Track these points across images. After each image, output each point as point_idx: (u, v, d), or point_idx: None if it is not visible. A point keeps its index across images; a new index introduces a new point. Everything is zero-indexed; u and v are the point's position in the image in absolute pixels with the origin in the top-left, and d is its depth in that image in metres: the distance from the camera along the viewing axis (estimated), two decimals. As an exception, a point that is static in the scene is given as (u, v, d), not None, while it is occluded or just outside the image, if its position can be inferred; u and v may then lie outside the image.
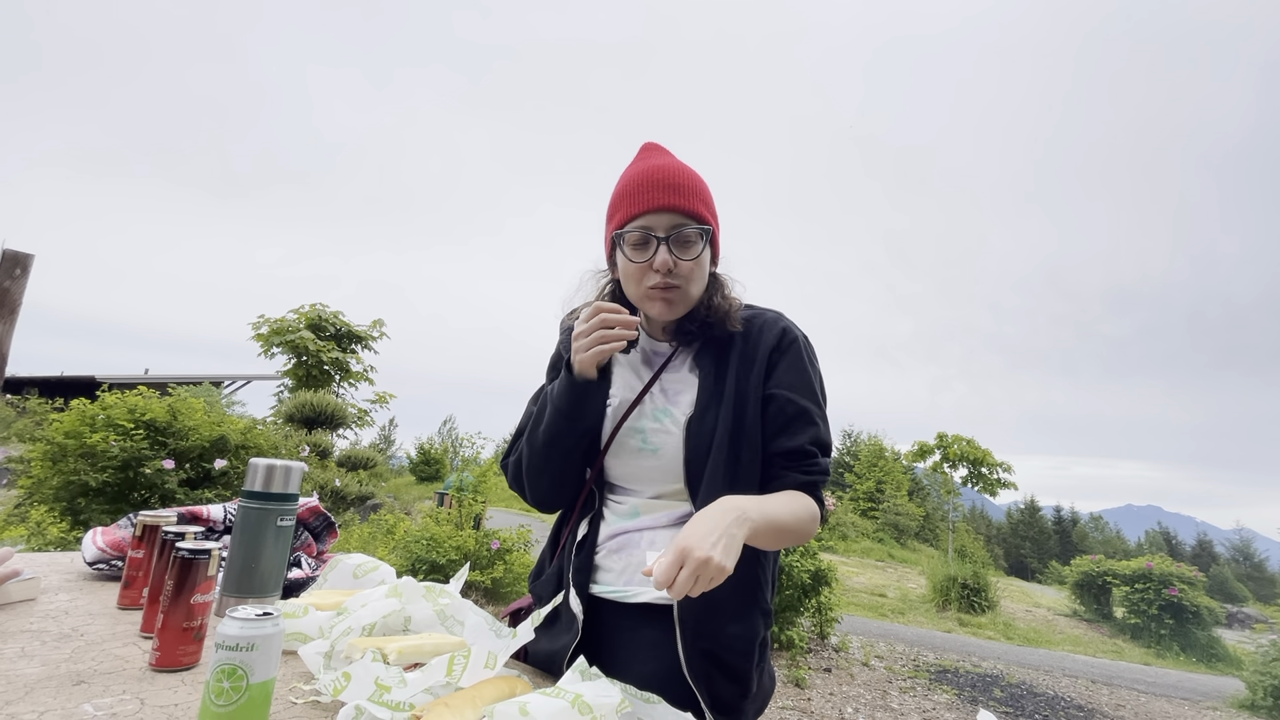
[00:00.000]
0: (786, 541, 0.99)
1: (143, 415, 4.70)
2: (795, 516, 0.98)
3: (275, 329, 11.10)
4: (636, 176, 1.06)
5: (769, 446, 1.05)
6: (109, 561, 1.25)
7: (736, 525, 0.84)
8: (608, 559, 1.08)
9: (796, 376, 1.07)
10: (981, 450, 18.01)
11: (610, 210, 1.10)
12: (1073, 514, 51.40)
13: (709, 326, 1.10)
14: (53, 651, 0.85)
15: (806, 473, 1.03)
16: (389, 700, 0.70)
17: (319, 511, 1.43)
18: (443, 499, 8.58)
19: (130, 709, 0.71)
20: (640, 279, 1.05)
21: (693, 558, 0.79)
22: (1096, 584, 11.63)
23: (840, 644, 6.51)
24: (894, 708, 4.83)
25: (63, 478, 4.40)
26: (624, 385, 1.16)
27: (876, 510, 26.34)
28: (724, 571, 0.80)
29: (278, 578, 1.08)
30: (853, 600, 10.30)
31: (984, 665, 6.84)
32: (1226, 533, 48.31)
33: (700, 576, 0.79)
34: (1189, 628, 10.09)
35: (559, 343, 1.25)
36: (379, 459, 11.10)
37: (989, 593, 10.87)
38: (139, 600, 1.06)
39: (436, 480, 25.48)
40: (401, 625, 1.00)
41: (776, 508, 0.94)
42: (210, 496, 4.76)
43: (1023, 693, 5.89)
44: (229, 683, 0.65)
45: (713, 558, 0.79)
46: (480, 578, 5.39)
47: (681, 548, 0.80)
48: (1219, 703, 6.75)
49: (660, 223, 1.03)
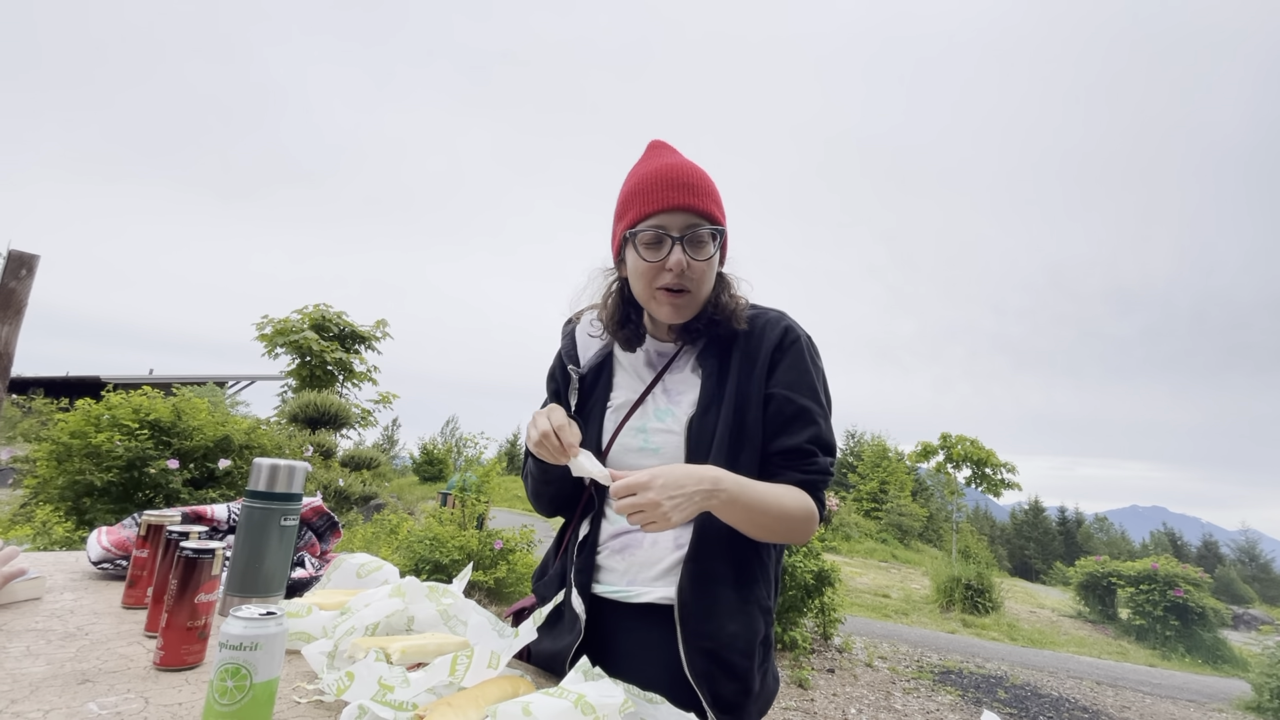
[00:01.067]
0: (769, 532, 0.99)
1: (147, 415, 4.72)
2: (781, 508, 0.98)
3: (279, 329, 11.13)
4: (649, 175, 1.05)
5: (768, 445, 1.05)
6: (114, 561, 1.26)
7: (703, 496, 0.91)
8: (610, 559, 1.08)
9: (797, 376, 1.06)
10: (985, 450, 17.96)
11: (620, 209, 1.09)
12: (1077, 515, 51.23)
13: (715, 324, 1.10)
14: (58, 650, 0.85)
15: (804, 471, 1.02)
16: (392, 700, 0.71)
17: (322, 511, 1.44)
18: (446, 499, 8.59)
19: (135, 708, 0.71)
20: (652, 279, 1.04)
21: (647, 496, 0.87)
22: (1101, 585, 11.59)
23: (844, 645, 6.50)
24: (897, 709, 4.82)
25: (68, 477, 4.42)
26: (627, 386, 1.16)
27: (880, 511, 26.28)
28: (664, 526, 0.88)
29: (281, 577, 1.08)
30: (856, 601, 10.29)
31: (988, 666, 6.82)
32: (1232, 533, 48.10)
33: (643, 515, 0.88)
34: (1194, 629, 10.04)
35: (559, 350, 1.25)
36: (382, 459, 11.12)
37: (993, 594, 10.84)
38: (143, 599, 1.06)
39: (439, 480, 25.53)
40: (405, 625, 1.00)
41: (760, 494, 0.96)
42: (214, 496, 4.78)
43: (1027, 694, 5.87)
44: (233, 682, 0.65)
45: (662, 506, 0.87)
46: (483, 578, 5.40)
47: (645, 481, 0.88)
48: (1225, 705, 6.72)
49: (674, 222, 1.02)
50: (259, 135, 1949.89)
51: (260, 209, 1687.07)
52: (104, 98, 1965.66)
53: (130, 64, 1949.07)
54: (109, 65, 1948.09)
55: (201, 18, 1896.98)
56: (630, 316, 1.15)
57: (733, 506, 0.94)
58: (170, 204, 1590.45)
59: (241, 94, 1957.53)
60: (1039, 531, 47.82)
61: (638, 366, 1.18)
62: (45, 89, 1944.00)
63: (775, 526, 0.99)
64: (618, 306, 1.15)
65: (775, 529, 0.99)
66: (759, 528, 0.98)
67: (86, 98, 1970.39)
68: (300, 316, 11.54)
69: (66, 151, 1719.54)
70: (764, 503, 0.96)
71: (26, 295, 3.14)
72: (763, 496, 0.97)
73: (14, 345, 3.12)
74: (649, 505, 0.87)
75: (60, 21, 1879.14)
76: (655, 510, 0.87)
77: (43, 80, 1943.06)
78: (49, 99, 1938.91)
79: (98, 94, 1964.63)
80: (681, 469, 0.92)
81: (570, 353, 1.22)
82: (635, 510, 0.88)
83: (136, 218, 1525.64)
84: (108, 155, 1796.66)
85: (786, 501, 0.99)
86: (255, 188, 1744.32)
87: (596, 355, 1.20)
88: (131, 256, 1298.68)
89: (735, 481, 0.94)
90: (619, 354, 1.20)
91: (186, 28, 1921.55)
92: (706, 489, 0.91)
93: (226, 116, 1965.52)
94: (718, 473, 0.94)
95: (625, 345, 1.17)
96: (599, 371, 1.19)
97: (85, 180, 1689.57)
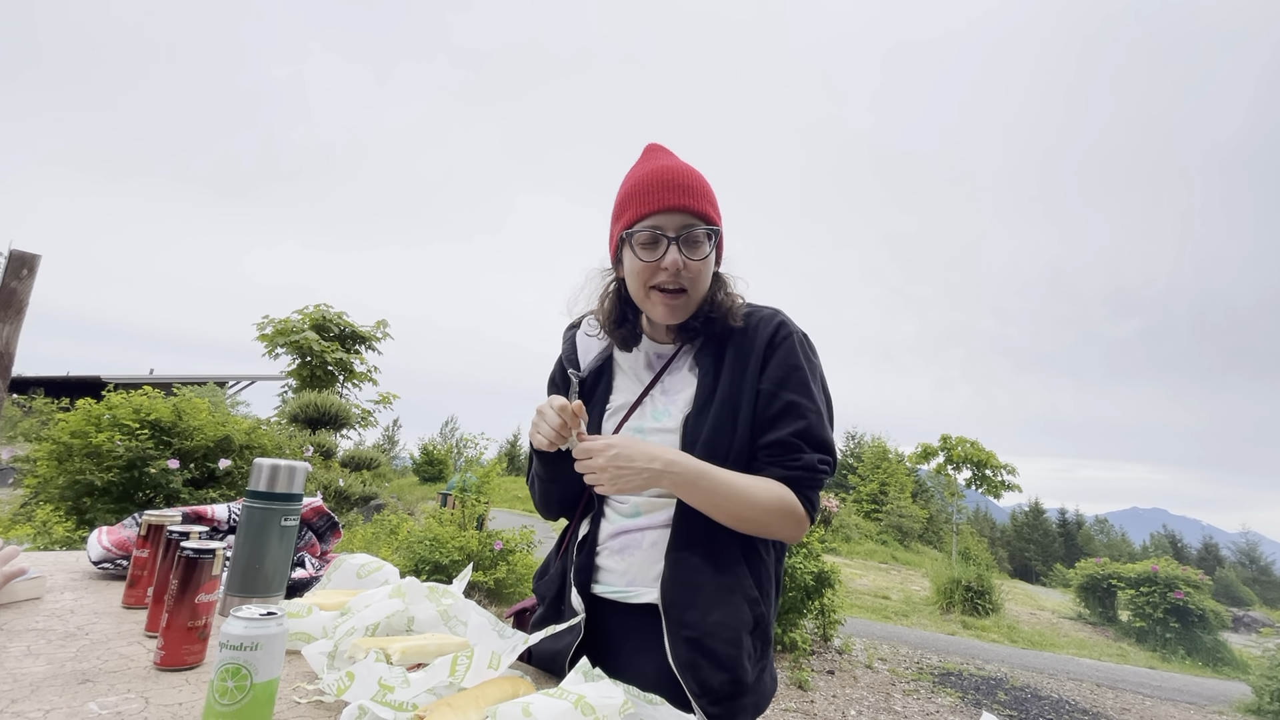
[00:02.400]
0: (737, 520, 0.99)
1: (148, 415, 4.72)
2: (748, 497, 0.97)
3: (279, 329, 11.13)
4: (645, 177, 1.07)
5: (755, 440, 1.05)
6: (114, 561, 1.26)
7: (651, 474, 0.96)
8: (609, 559, 1.09)
9: (787, 371, 1.06)
10: (985, 452, 17.94)
11: (617, 210, 1.11)
12: (1077, 516, 51.18)
13: (711, 322, 1.11)
14: (58, 650, 0.86)
15: (787, 466, 1.01)
16: (392, 700, 0.71)
17: (323, 512, 1.44)
18: (446, 499, 8.59)
19: (135, 708, 0.71)
20: (647, 278, 1.06)
21: (604, 457, 0.95)
22: (1101, 587, 11.58)
23: (843, 646, 6.49)
24: (897, 710, 4.82)
25: (68, 477, 4.42)
26: (626, 388, 1.17)
27: (880, 512, 26.27)
28: (608, 491, 0.98)
29: (282, 577, 1.08)
30: (856, 602, 10.28)
31: (988, 668, 6.81)
32: (1232, 536, 48.06)
33: (593, 476, 0.98)
34: (1194, 631, 10.03)
35: (560, 355, 1.26)
36: (382, 459, 11.11)
37: (993, 595, 10.82)
38: (144, 599, 1.07)
39: (440, 481, 25.53)
40: (405, 625, 1.00)
41: (725, 480, 0.97)
42: (215, 496, 4.78)
43: (1027, 696, 5.86)
44: (233, 682, 0.65)
45: (607, 472, 0.95)
46: (483, 578, 5.40)
47: (600, 448, 0.96)
48: (1225, 707, 6.71)
49: (670, 223, 1.04)
50: (258, 134, 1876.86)
51: (261, 207, 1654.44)
52: (105, 97, 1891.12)
53: (130, 63, 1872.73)
54: (108, 64, 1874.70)
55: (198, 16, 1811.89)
56: (627, 316, 1.17)
57: (692, 488, 0.97)
58: (171, 203, 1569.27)
59: (241, 94, 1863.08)
60: (1039, 533, 47.78)
61: (637, 369, 1.18)
62: (45, 88, 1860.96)
63: (744, 515, 0.98)
64: (614, 306, 1.16)
65: (745, 517, 0.98)
66: (726, 515, 0.98)
67: (87, 97, 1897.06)
68: (301, 317, 11.54)
69: (66, 151, 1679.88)
70: (728, 489, 0.97)
71: (27, 295, 3.14)
72: (728, 483, 0.97)
73: (15, 345, 3.12)
74: (597, 469, 0.96)
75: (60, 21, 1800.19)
76: (601, 475, 0.96)
77: (43, 79, 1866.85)
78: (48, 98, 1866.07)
79: (98, 93, 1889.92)
80: (638, 444, 0.97)
81: (570, 357, 1.23)
82: (587, 471, 0.98)
83: (137, 216, 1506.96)
84: (108, 154, 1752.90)
85: (756, 491, 0.98)
86: (254, 186, 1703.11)
87: (596, 359, 1.21)
88: (132, 256, 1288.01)
89: (694, 465, 0.97)
90: (618, 357, 1.21)
91: (186, 28, 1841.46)
92: (657, 469, 0.95)
93: (227, 115, 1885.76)
94: (674, 454, 0.97)
95: (622, 345, 1.18)
96: (599, 375, 1.20)
97: (85, 179, 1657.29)
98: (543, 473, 1.17)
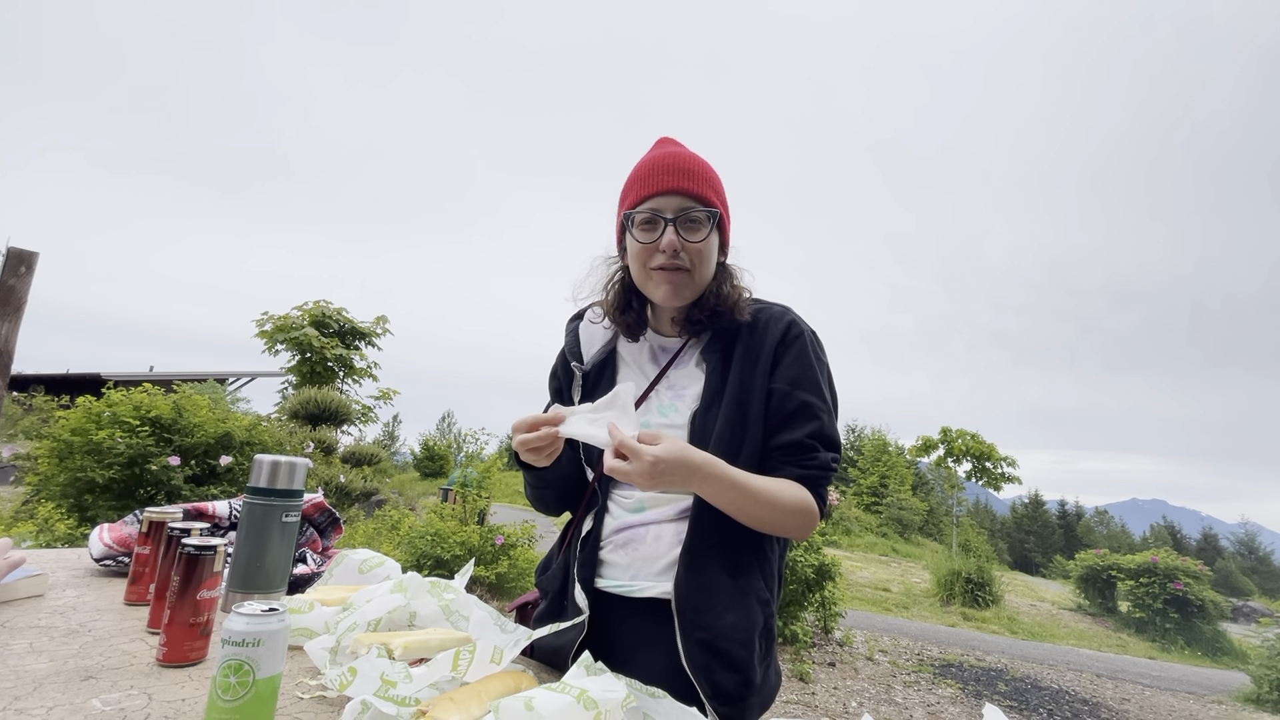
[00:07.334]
0: (758, 521, 0.98)
1: (148, 412, 4.72)
2: (772, 501, 0.97)
3: (279, 326, 11.12)
4: (648, 163, 1.09)
5: (769, 441, 1.05)
6: (116, 557, 1.26)
7: (683, 479, 0.89)
8: (613, 554, 1.08)
9: (800, 371, 1.06)
10: (985, 445, 17.97)
11: (622, 195, 1.13)
12: (1077, 508, 51.33)
13: (718, 316, 1.10)
14: (60, 647, 0.86)
15: (804, 467, 1.02)
16: (395, 695, 0.71)
17: (324, 507, 1.44)
18: (447, 495, 8.60)
19: (138, 704, 0.71)
20: (646, 259, 1.07)
21: (638, 464, 0.85)
22: (1101, 578, 11.61)
23: (844, 638, 6.51)
24: (898, 702, 4.84)
25: (69, 474, 4.43)
26: (630, 380, 1.16)
27: (880, 505, 26.33)
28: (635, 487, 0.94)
29: (283, 573, 1.08)
30: (857, 595, 10.32)
31: (988, 660, 6.84)
32: (1232, 526, 48.20)
33: (623, 478, 0.87)
34: (1194, 622, 10.07)
35: (562, 348, 1.25)
36: (383, 455, 11.12)
37: (993, 587, 10.86)
38: (145, 596, 1.07)
39: (440, 476, 25.57)
40: (407, 620, 1.00)
41: (749, 485, 0.95)
42: (216, 493, 4.79)
43: (1027, 687, 5.89)
44: (235, 678, 0.65)
45: (644, 482, 0.86)
46: (485, 573, 5.41)
47: (640, 450, 0.86)
48: (1224, 697, 6.74)
49: (669, 205, 1.05)
50: (257, 132, 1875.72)
51: (261, 205, 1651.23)
52: (106, 95, 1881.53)
53: (129, 63, 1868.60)
54: (109, 63, 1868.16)
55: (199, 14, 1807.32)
56: (631, 303, 1.17)
57: (718, 483, 0.93)
58: (172, 200, 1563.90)
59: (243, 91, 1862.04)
60: (1039, 525, 47.91)
61: (642, 362, 1.17)
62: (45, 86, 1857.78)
63: (765, 515, 0.98)
64: (619, 293, 1.16)
65: (765, 518, 0.98)
66: (750, 518, 0.98)
67: (86, 94, 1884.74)
68: (300, 313, 11.52)
69: (66, 148, 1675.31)
70: (757, 494, 0.96)
71: (26, 292, 3.13)
72: (757, 488, 0.96)
73: (14, 342, 3.11)
74: (631, 477, 0.87)
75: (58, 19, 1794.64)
76: (631, 478, 0.87)
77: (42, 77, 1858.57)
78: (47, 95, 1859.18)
79: (99, 91, 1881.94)
80: (676, 447, 0.89)
81: (574, 349, 1.22)
82: (619, 474, 0.87)
83: (137, 213, 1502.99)
84: (108, 151, 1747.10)
85: (780, 495, 0.98)
86: (254, 184, 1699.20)
87: (600, 351, 1.20)
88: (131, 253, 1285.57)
89: (723, 472, 0.93)
90: (623, 349, 1.20)
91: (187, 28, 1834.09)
92: (690, 473, 0.90)
93: (228, 113, 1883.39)
94: (705, 457, 0.92)
95: (627, 333, 1.18)
96: (603, 368, 1.19)
97: (85, 176, 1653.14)
98: (532, 480, 1.17)
